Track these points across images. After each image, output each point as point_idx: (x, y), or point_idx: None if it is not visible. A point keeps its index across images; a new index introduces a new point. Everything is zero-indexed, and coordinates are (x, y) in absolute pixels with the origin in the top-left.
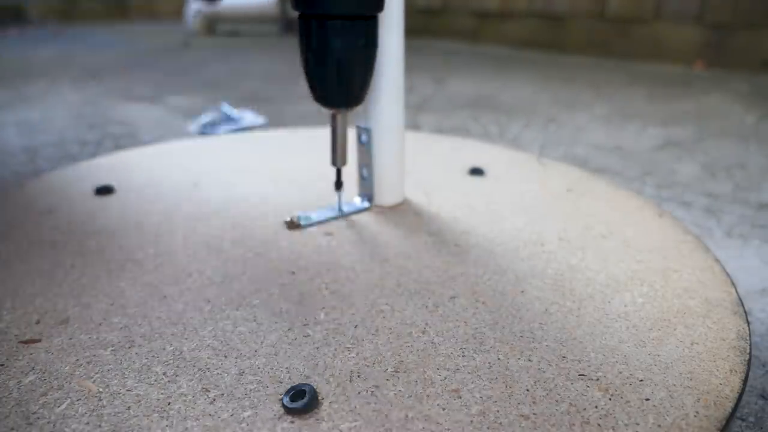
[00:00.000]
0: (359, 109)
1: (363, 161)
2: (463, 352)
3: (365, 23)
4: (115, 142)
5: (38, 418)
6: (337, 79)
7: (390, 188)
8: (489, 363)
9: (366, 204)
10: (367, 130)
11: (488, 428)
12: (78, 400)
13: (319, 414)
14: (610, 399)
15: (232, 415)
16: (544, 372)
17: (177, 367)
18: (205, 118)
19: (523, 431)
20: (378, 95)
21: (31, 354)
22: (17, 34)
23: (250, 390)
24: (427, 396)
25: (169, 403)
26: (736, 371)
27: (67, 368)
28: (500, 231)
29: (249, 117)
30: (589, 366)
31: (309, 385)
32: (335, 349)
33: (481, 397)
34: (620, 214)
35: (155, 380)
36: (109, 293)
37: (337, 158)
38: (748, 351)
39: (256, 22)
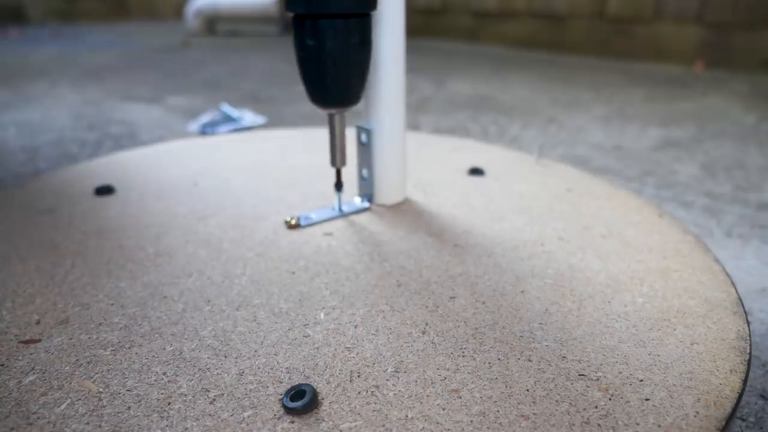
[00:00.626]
0: (360, 108)
1: (363, 161)
2: (463, 352)
3: (359, 22)
4: (115, 142)
5: (38, 418)
6: (333, 78)
7: (391, 187)
8: (489, 363)
9: (366, 204)
10: (368, 131)
11: (488, 428)
12: (78, 400)
13: (319, 414)
14: (610, 399)
15: (232, 415)
16: (544, 372)
17: (177, 367)
18: (205, 118)
19: (523, 431)
20: (379, 95)
21: (31, 354)
22: (17, 34)
23: (250, 390)
24: (427, 396)
25: (169, 403)
26: (736, 371)
27: (67, 368)
28: (500, 231)
29: (249, 117)
30: (589, 366)
31: (309, 385)
32: (335, 349)
33: (481, 397)
34: (620, 214)
35: (155, 380)
36: (109, 293)
37: (336, 158)
38: (748, 351)
39: (256, 22)
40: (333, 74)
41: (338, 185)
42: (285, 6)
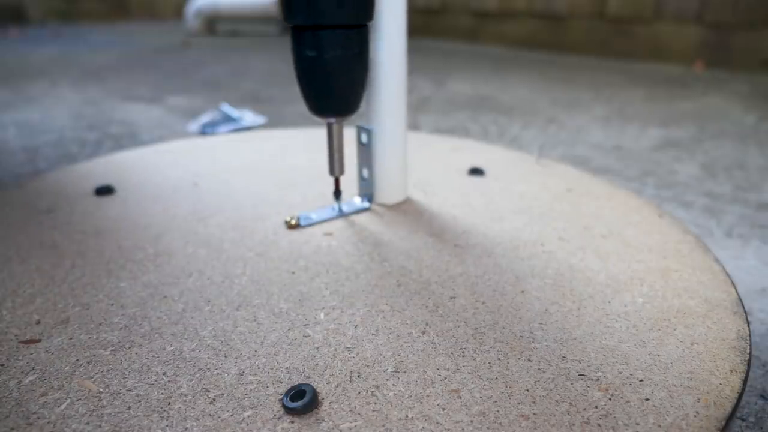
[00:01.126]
0: (361, 110)
1: (363, 162)
2: (463, 352)
3: (356, 32)
4: (115, 142)
5: (38, 418)
6: (331, 88)
7: (392, 187)
8: (489, 363)
9: (366, 204)
10: (368, 131)
11: (488, 428)
12: (78, 400)
13: (319, 414)
14: (610, 399)
15: (232, 415)
16: (544, 372)
17: (177, 367)
18: (205, 118)
19: (523, 431)
20: (381, 95)
21: (31, 354)
22: (17, 34)
23: (250, 390)
24: (427, 396)
25: (169, 403)
26: (736, 371)
27: (67, 368)
28: (500, 231)
29: (249, 117)
30: (589, 366)
31: (309, 385)
32: (335, 349)
33: (481, 397)
34: (620, 214)
35: (155, 380)
36: (109, 293)
37: (335, 167)
38: (748, 351)
39: (256, 22)
40: (331, 84)
41: (337, 193)
42: (283, 17)
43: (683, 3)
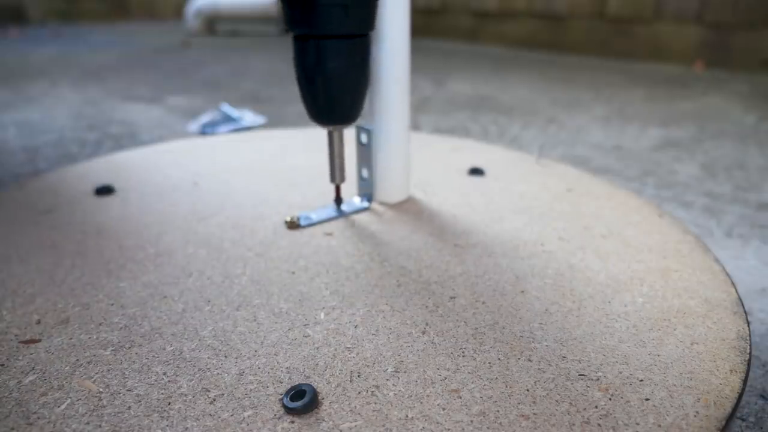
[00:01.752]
0: (365, 110)
1: (363, 162)
2: (463, 352)
3: (358, 42)
4: (115, 142)
5: (38, 418)
6: (333, 97)
7: (395, 186)
8: (489, 363)
9: (366, 204)
10: (368, 131)
11: (488, 428)
12: (78, 400)
13: (319, 414)
14: (610, 399)
15: (232, 415)
16: (544, 372)
17: (177, 367)
18: (205, 118)
19: (523, 431)
20: (384, 96)
21: (31, 354)
22: (17, 34)
23: (250, 390)
24: (427, 396)
25: (169, 403)
26: (736, 371)
27: (67, 368)
28: (500, 231)
29: (249, 117)
30: (589, 366)
31: (309, 385)
32: (335, 349)
33: (481, 397)
34: (620, 214)
35: (155, 380)
36: (109, 293)
37: (336, 175)
38: (748, 351)
39: (256, 22)
40: (332, 93)
41: (338, 200)
42: (286, 26)
43: (683, 3)
